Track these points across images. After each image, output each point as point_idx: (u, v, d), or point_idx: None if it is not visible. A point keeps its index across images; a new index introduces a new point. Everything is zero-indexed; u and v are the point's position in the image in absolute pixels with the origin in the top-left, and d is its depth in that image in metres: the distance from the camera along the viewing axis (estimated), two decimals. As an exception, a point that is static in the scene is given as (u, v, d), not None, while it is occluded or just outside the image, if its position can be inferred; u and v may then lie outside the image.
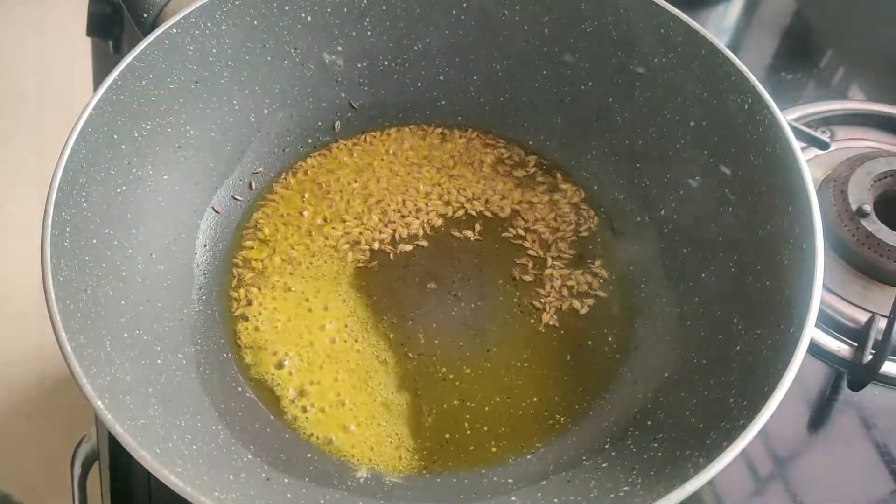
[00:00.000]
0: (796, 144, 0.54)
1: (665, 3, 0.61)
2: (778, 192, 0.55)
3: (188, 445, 0.50)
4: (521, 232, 0.67)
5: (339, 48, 0.68)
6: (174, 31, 0.59)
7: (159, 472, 0.43)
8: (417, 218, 0.68)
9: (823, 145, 0.72)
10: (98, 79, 0.84)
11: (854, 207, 0.67)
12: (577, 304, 0.64)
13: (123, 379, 0.50)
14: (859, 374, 0.63)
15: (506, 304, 0.64)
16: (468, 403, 0.59)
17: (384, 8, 0.67)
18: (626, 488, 0.50)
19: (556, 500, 0.52)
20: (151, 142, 0.60)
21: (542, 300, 0.64)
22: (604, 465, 0.54)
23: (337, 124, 0.71)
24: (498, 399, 0.60)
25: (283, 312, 0.63)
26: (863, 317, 0.64)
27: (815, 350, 0.64)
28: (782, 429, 0.61)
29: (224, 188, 0.66)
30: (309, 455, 0.57)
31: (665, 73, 0.63)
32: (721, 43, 0.59)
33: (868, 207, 0.67)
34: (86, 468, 0.67)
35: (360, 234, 0.67)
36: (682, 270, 0.62)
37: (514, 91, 0.70)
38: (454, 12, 0.67)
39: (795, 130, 0.64)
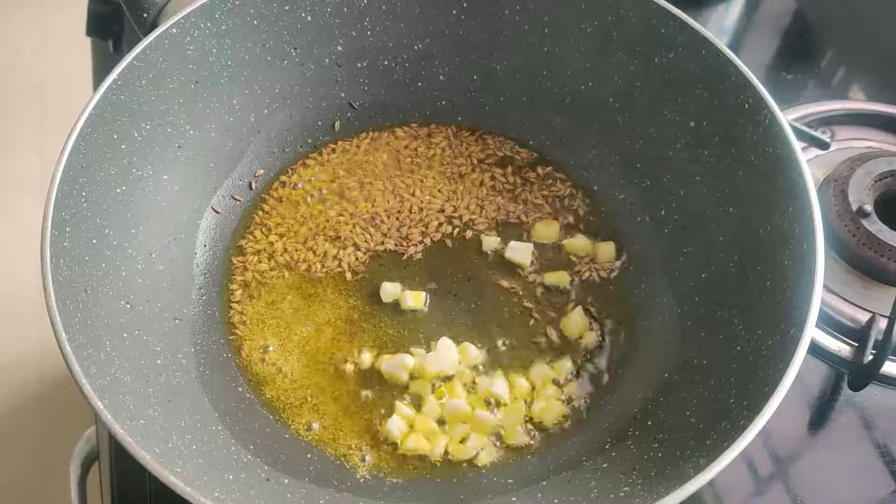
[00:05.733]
0: (797, 144, 0.54)
1: (665, 3, 0.61)
2: (778, 192, 0.55)
3: (188, 445, 0.50)
4: (521, 232, 0.67)
5: (339, 48, 0.68)
6: (174, 31, 0.59)
7: (159, 473, 0.43)
8: (417, 218, 0.68)
9: (824, 145, 0.72)
10: (98, 79, 0.84)
11: (854, 207, 0.67)
12: (576, 304, 0.64)
13: (123, 379, 0.50)
14: (860, 374, 0.63)
15: (506, 304, 0.64)
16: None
17: (384, 8, 0.67)
18: (626, 489, 0.50)
19: (556, 501, 0.52)
20: (151, 142, 0.60)
21: (542, 301, 0.64)
22: (604, 465, 0.54)
23: (337, 124, 0.71)
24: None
25: (284, 313, 0.63)
26: (863, 317, 0.64)
27: (816, 350, 0.64)
28: (783, 429, 0.61)
29: (224, 188, 0.66)
30: (309, 455, 0.57)
31: (665, 74, 0.63)
32: (721, 43, 0.59)
33: (868, 207, 0.67)
34: (86, 468, 0.67)
35: (360, 234, 0.67)
36: (682, 270, 0.62)
37: (514, 91, 0.70)
38: (454, 12, 0.67)
39: (796, 130, 0.64)
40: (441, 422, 0.58)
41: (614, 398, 0.59)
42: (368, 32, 0.67)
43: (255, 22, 0.63)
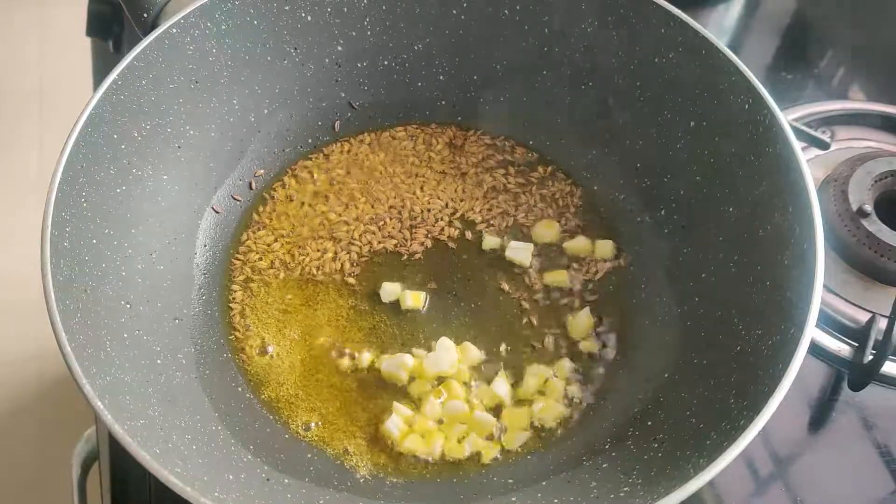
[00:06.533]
0: (797, 144, 0.54)
1: (665, 3, 0.61)
2: (778, 192, 0.55)
3: (188, 445, 0.50)
4: (521, 232, 0.67)
5: (340, 48, 0.68)
6: (174, 31, 0.59)
7: (159, 473, 0.43)
8: (418, 219, 0.68)
9: (824, 145, 0.72)
10: (98, 79, 0.85)
11: (854, 207, 0.67)
12: (577, 304, 0.64)
13: (123, 379, 0.50)
14: (860, 374, 0.63)
15: (505, 305, 0.64)
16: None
17: (384, 8, 0.67)
18: (626, 489, 0.50)
19: (556, 501, 0.52)
20: (151, 142, 0.60)
21: (542, 301, 0.64)
22: (604, 465, 0.54)
23: (337, 124, 0.71)
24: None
25: (284, 313, 0.63)
26: (863, 317, 0.64)
27: (816, 350, 0.64)
28: (783, 429, 0.61)
29: (224, 188, 0.66)
30: (309, 455, 0.57)
31: (665, 74, 0.63)
32: (721, 43, 0.59)
33: (868, 207, 0.67)
34: (86, 468, 0.67)
35: (360, 234, 0.67)
36: (682, 270, 0.62)
37: (514, 91, 0.70)
38: (454, 12, 0.67)
39: (796, 130, 0.64)
40: (440, 422, 0.58)
41: (614, 398, 0.59)
42: (368, 32, 0.67)
43: (255, 22, 0.63)
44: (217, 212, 0.66)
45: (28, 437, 1.29)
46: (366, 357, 0.61)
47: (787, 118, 0.56)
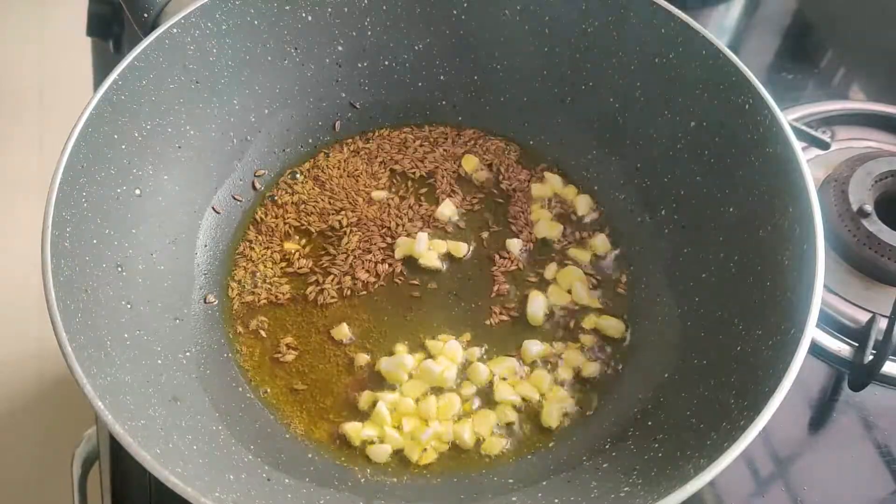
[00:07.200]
0: (797, 144, 0.54)
1: (665, 3, 0.61)
2: (778, 192, 0.55)
3: (188, 445, 0.50)
4: (522, 232, 0.67)
5: (340, 48, 0.68)
6: (174, 31, 0.59)
7: (159, 473, 0.43)
8: (418, 218, 0.68)
9: (824, 145, 0.72)
10: (98, 79, 0.85)
11: (855, 207, 0.67)
12: (577, 304, 0.64)
13: (124, 379, 0.50)
14: (860, 374, 0.63)
15: (506, 305, 0.64)
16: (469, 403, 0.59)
17: (384, 8, 0.67)
18: (626, 489, 0.50)
19: (556, 501, 0.52)
20: (151, 142, 0.60)
21: (542, 301, 0.64)
22: (604, 465, 0.54)
23: (337, 124, 0.71)
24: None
25: (284, 312, 0.63)
26: (864, 317, 0.64)
27: (816, 350, 0.64)
28: (783, 429, 0.61)
29: (224, 188, 0.66)
30: (309, 455, 0.57)
31: (665, 74, 0.63)
32: (721, 43, 0.59)
33: (869, 207, 0.67)
34: (86, 468, 0.67)
35: (360, 234, 0.67)
36: (682, 270, 0.62)
37: (514, 91, 0.70)
38: (454, 12, 0.67)
39: (796, 130, 0.64)
40: (439, 422, 0.58)
41: (614, 398, 0.59)
42: (369, 32, 0.67)
43: (256, 22, 0.63)
44: (217, 212, 0.66)
45: (28, 437, 1.29)
46: (365, 357, 0.61)
47: (787, 118, 0.56)
